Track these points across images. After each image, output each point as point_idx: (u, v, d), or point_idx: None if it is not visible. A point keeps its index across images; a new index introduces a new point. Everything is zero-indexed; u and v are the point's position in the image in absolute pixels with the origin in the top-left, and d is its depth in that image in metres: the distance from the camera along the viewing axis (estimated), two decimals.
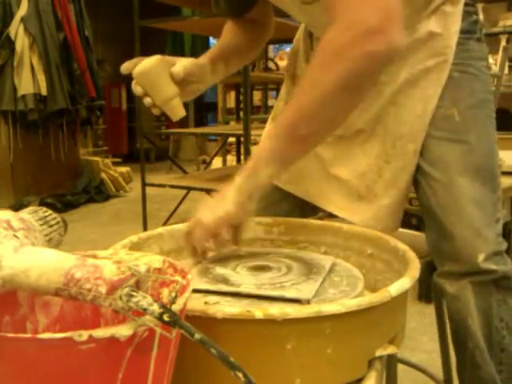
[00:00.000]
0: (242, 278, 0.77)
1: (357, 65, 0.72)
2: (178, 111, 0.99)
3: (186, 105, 1.03)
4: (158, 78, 0.96)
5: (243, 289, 0.73)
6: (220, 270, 0.81)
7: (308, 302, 0.69)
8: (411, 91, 0.98)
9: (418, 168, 1.00)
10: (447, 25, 0.97)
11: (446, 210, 0.96)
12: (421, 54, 0.97)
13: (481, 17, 1.03)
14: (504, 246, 0.97)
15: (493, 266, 0.94)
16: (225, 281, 0.76)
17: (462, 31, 0.98)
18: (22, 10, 4.06)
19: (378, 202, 1.02)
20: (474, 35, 1.00)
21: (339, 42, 0.73)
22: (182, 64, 0.98)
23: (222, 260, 0.85)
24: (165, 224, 3.24)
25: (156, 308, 0.44)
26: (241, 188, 0.80)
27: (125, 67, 0.98)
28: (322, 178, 1.08)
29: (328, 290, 0.75)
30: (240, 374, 0.46)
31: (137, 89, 0.98)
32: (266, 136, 0.83)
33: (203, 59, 1.03)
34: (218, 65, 1.05)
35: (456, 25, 0.97)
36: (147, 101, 0.99)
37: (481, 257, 0.93)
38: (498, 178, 1.00)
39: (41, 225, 0.62)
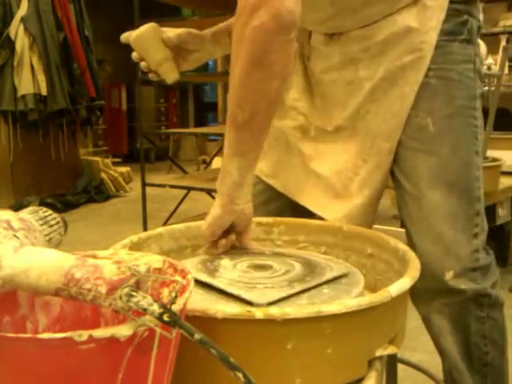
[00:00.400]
0: (231, 272, 0.77)
1: (251, 41, 0.76)
2: (170, 74, 1.05)
3: (186, 105, 1.07)
4: (149, 41, 1.03)
5: (215, 282, 0.73)
6: (220, 262, 0.81)
7: (263, 305, 0.66)
8: (389, 88, 0.96)
9: (393, 176, 1.00)
10: (424, 19, 0.93)
11: (415, 225, 0.95)
12: (398, 50, 0.95)
13: (480, 17, 1.00)
14: (486, 260, 0.95)
15: (462, 286, 0.92)
16: (212, 272, 0.77)
17: (445, 32, 0.93)
18: (22, 10, 4.06)
19: (352, 201, 1.00)
20: (458, 36, 0.94)
21: (237, 27, 0.78)
22: (175, 31, 1.04)
23: (234, 254, 0.85)
24: (165, 224, 3.24)
25: (156, 308, 0.44)
26: (221, 191, 0.83)
27: (124, 36, 1.05)
28: (302, 173, 1.07)
29: (323, 291, 0.74)
30: (240, 375, 0.46)
31: (133, 54, 1.05)
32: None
33: (204, 31, 1.08)
34: (222, 37, 1.07)
35: (435, 19, 0.92)
36: (143, 64, 1.05)
37: (448, 274, 0.91)
38: (478, 190, 0.96)
39: (41, 225, 0.62)
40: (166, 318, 0.44)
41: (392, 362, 0.69)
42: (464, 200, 0.94)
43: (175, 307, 0.46)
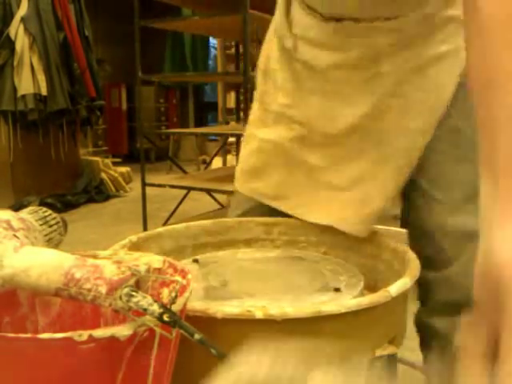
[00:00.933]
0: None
1: None
2: None
3: (186, 105, 1.03)
4: None
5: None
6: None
7: None
8: (420, 80, 0.86)
9: (412, 182, 0.90)
10: None
11: (449, 238, 0.86)
12: (433, 39, 0.85)
13: None
14: None
15: None
16: None
17: None
18: (22, 10, 4.06)
19: (370, 206, 0.90)
20: None
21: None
22: None
23: None
24: (165, 224, 3.24)
25: (156, 308, 0.44)
26: None
27: None
28: (311, 189, 0.95)
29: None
30: None
31: None
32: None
33: None
34: None
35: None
36: None
37: None
38: None
39: (41, 225, 0.62)
40: (166, 318, 0.44)
41: (392, 362, 0.69)
42: None
43: (175, 307, 0.46)
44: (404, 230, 0.99)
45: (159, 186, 3.33)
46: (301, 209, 0.96)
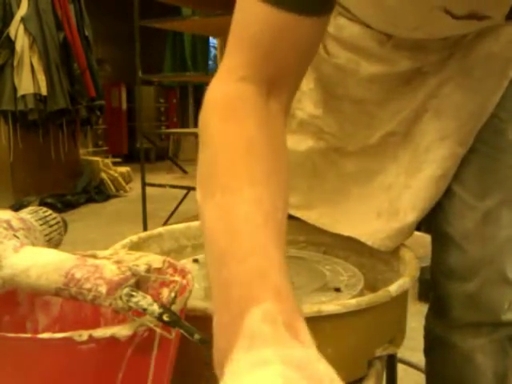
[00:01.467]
0: None
1: None
2: None
3: (186, 105, 1.02)
4: None
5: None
6: None
7: None
8: (465, 81, 0.78)
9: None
10: None
11: (478, 246, 0.79)
12: (480, 40, 0.77)
13: None
14: None
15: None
16: None
17: None
18: (22, 10, 4.05)
19: (400, 220, 0.83)
20: None
21: None
22: None
23: None
24: (165, 224, 3.24)
25: (156, 308, 0.44)
26: None
27: None
28: (339, 197, 0.89)
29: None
30: None
31: None
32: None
33: None
34: None
35: None
36: None
37: (505, 306, 0.77)
38: None
39: (41, 225, 0.62)
40: (165, 317, 0.44)
41: (392, 362, 0.69)
42: None
43: (175, 307, 0.46)
44: (419, 233, 0.94)
45: (159, 185, 3.33)
46: (326, 219, 0.90)
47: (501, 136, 0.79)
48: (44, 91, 4.04)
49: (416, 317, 1.00)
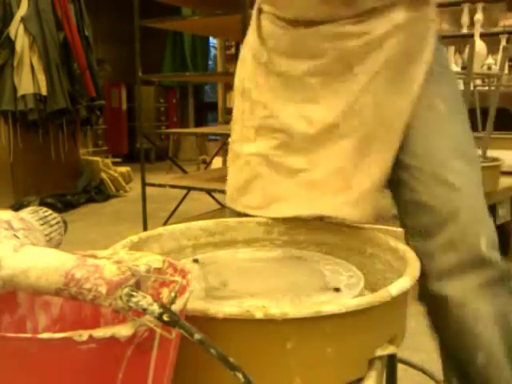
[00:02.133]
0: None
1: None
2: None
3: (186, 105, 1.04)
4: None
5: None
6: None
7: None
8: (393, 74, 0.91)
9: (400, 164, 0.92)
10: (426, 10, 0.93)
11: (444, 199, 0.88)
12: (399, 37, 0.90)
13: (480, 16, 1.03)
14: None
15: (497, 256, 0.85)
16: None
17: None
18: (22, 10, 4.06)
19: (357, 189, 0.91)
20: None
21: None
22: None
23: None
24: (165, 224, 3.24)
25: (156, 308, 0.44)
26: None
27: None
28: (294, 189, 0.96)
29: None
30: (240, 375, 0.46)
31: None
32: None
33: None
34: None
35: (432, 12, 0.95)
36: None
37: (483, 242, 0.85)
38: None
39: (41, 225, 0.62)
40: (165, 317, 0.44)
41: (392, 362, 0.69)
42: (479, 174, 0.92)
43: (175, 307, 0.47)
44: (402, 230, 0.98)
45: (159, 185, 3.33)
46: (281, 208, 0.97)
47: (434, 111, 0.92)
48: (44, 91, 4.04)
49: (416, 317, 1.00)
